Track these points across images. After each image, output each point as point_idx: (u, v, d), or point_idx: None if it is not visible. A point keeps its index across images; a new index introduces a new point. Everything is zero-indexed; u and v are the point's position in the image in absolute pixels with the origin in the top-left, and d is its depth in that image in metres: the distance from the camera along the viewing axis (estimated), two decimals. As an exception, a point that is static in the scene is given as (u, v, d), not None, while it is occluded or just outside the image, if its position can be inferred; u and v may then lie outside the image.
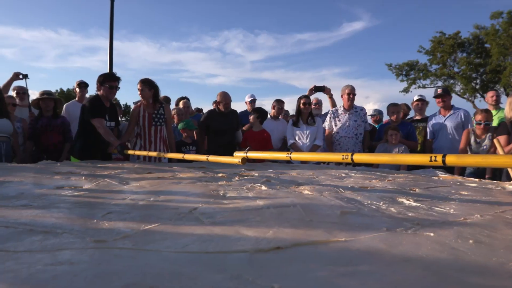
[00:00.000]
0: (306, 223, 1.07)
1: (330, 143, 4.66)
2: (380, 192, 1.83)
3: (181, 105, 5.40)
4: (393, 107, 4.85)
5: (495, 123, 4.22)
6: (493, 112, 4.41)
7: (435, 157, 1.21)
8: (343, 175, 2.75)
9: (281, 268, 0.70)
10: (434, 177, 2.86)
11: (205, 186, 2.02)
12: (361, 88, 58.03)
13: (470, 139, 3.91)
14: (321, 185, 2.06)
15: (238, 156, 2.31)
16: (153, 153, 3.58)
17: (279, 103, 5.06)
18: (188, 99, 5.77)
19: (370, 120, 5.94)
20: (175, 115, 5.00)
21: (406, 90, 26.86)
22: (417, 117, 4.90)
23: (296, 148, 4.45)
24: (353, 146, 4.57)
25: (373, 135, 5.09)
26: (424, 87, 26.58)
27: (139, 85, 3.91)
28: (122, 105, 26.45)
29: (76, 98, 5.20)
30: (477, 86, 24.80)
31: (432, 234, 0.94)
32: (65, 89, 37.56)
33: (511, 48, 22.84)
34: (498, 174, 3.58)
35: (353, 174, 2.81)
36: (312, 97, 5.22)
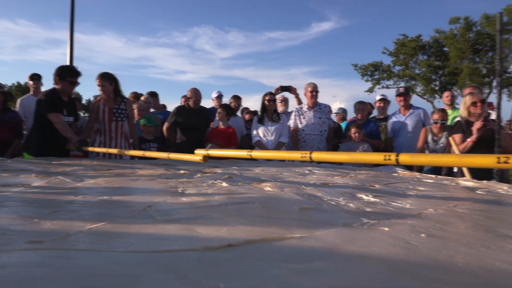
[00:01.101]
0: (263, 219, 1.05)
1: (295, 140, 4.69)
2: (341, 188, 1.84)
3: (142, 99, 5.25)
4: (359, 105, 4.95)
5: (450, 122, 4.40)
6: (449, 112, 4.61)
7: (389, 155, 1.22)
8: (307, 172, 2.76)
9: (231, 267, 0.67)
10: (394, 174, 2.94)
11: (164, 183, 1.95)
12: (329, 87, 59.15)
13: (428, 137, 4.06)
14: (283, 182, 2.04)
15: (199, 154, 2.25)
16: (113, 150, 3.44)
17: (236, 100, 5.03)
18: (156, 95, 5.63)
19: (334, 118, 6.05)
20: (135, 111, 4.85)
21: (370, 90, 27.68)
22: (380, 116, 5.03)
23: (261, 145, 4.44)
24: (318, 143, 4.62)
25: (339, 133, 5.18)
26: (387, 87, 27.51)
27: (98, 80, 3.75)
28: (85, 101, 25.46)
29: (31, 92, 4.92)
30: (437, 88, 25.94)
31: (387, 229, 0.94)
32: (22, 82, 35.70)
33: (467, 52, 24.08)
34: (459, 171, 3.73)
35: (316, 171, 2.83)
36: (279, 95, 5.24)
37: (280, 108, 5.21)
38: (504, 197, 1.75)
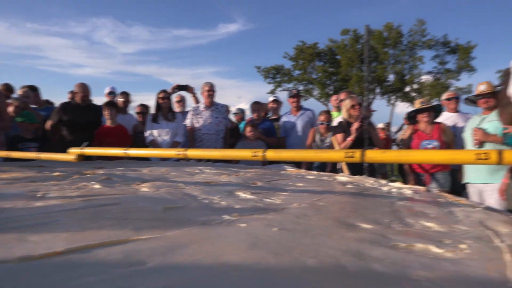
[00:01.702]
0: (116, 222, 0.97)
1: (191, 139, 4.62)
2: (222, 186, 1.83)
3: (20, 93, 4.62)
4: (255, 105, 5.07)
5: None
6: (336, 113, 5.02)
7: (257, 152, 1.25)
8: (197, 171, 2.72)
9: (46, 277, 0.58)
10: (282, 171, 3.07)
11: (25, 186, 1.71)
12: (235, 88, 60.08)
13: (316, 137, 4.36)
14: (166, 182, 1.97)
15: (72, 152, 2.05)
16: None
17: (124, 96, 4.78)
18: (36, 89, 4.98)
19: (233, 118, 6.13)
20: (11, 106, 4.24)
21: (272, 92, 28.92)
22: (273, 117, 5.23)
23: (155, 145, 4.27)
24: (215, 142, 4.62)
25: (237, 133, 5.25)
26: (288, 89, 29.09)
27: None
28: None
29: None
30: (331, 92, 28.28)
31: (243, 225, 0.94)
32: None
33: (356, 61, 26.76)
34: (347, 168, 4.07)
35: (206, 170, 2.80)
36: (177, 94, 5.10)
37: (177, 108, 5.09)
38: (367, 190, 1.95)
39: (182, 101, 5.26)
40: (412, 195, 1.80)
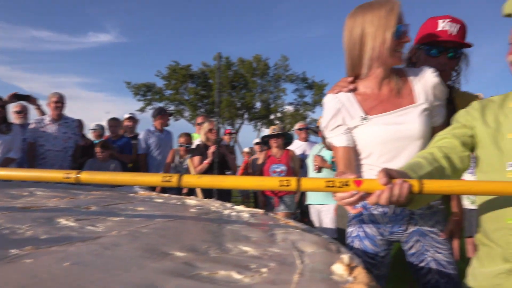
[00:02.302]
0: None
1: (31, 156, 4.02)
2: (43, 212, 1.59)
3: None
4: (112, 122, 4.76)
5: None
6: (197, 136, 5.07)
7: (69, 173, 1.12)
8: (26, 193, 2.33)
9: None
10: (131, 194, 2.88)
11: None
12: (103, 102, 55.56)
13: (175, 159, 4.29)
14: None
15: None
16: None
17: None
18: None
19: (91, 135, 5.62)
20: None
21: (142, 110, 27.89)
22: (129, 135, 4.97)
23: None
24: (62, 160, 4.12)
25: (91, 150, 4.79)
26: (162, 107, 28.51)
27: None
28: None
29: None
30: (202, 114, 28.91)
31: (29, 261, 0.81)
32: None
33: (226, 86, 27.97)
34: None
35: (39, 193, 2.42)
36: (16, 104, 4.42)
37: (16, 119, 4.40)
38: (207, 214, 1.95)
39: (23, 112, 4.57)
40: (248, 218, 1.87)
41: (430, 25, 1.73)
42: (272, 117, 29.28)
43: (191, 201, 2.60)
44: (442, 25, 1.69)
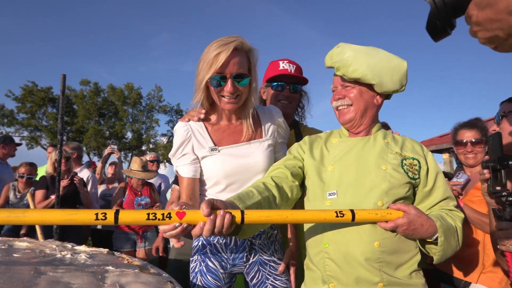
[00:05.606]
0: None
1: None
2: None
3: None
4: None
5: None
6: (43, 167, 4.43)
7: None
8: None
9: None
10: None
11: None
12: None
13: (10, 194, 3.63)
14: None
15: None
16: None
17: None
18: None
19: None
20: None
21: (-17, 135, 23.49)
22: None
23: None
24: None
25: None
26: (7, 134, 24.38)
27: None
28: None
29: None
30: (64, 142, 25.83)
31: None
32: None
33: (94, 114, 25.88)
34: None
35: None
36: None
37: None
38: (36, 257, 1.65)
39: None
40: (85, 260, 1.65)
41: (273, 66, 1.95)
42: (144, 147, 28.04)
43: (21, 243, 2.19)
44: (283, 65, 1.92)
